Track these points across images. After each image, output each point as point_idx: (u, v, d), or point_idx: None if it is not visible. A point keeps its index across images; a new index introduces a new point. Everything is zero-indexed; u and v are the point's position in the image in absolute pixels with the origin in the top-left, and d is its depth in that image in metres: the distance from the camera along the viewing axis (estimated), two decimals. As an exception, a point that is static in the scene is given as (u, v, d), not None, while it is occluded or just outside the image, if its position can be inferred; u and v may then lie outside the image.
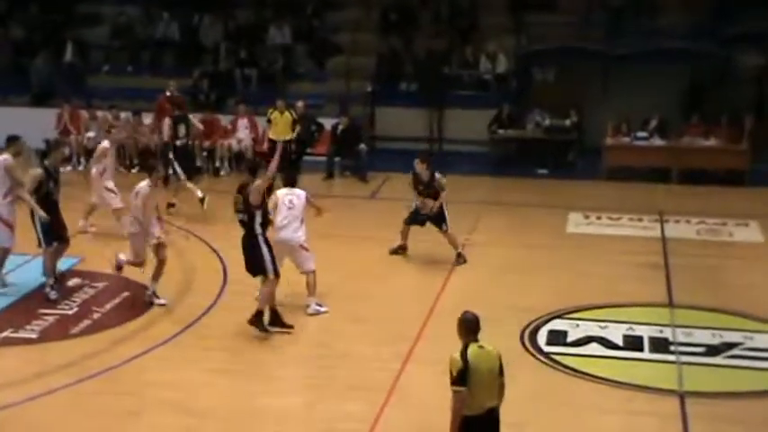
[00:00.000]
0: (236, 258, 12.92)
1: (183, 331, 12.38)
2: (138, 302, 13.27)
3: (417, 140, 21.90)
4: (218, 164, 20.97)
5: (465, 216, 17.21)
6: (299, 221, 12.97)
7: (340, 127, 20.70)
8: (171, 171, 19.19)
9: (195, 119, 20.42)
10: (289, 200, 13.01)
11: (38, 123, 21.32)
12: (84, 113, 21.37)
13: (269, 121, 20.09)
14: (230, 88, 22.94)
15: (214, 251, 15.44)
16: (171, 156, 17.94)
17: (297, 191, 13.17)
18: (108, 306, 13.25)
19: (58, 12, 24.59)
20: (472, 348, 7.96)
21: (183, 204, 17.80)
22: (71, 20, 24.54)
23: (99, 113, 21.33)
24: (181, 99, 20.37)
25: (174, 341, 12.10)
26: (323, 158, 20.68)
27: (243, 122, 21.09)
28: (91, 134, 21.01)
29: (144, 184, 13.19)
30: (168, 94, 20.15)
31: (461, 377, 7.85)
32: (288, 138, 19.45)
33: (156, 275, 13.22)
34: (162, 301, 13.15)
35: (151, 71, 23.48)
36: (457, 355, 7.94)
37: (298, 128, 19.83)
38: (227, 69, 23.32)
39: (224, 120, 21.35)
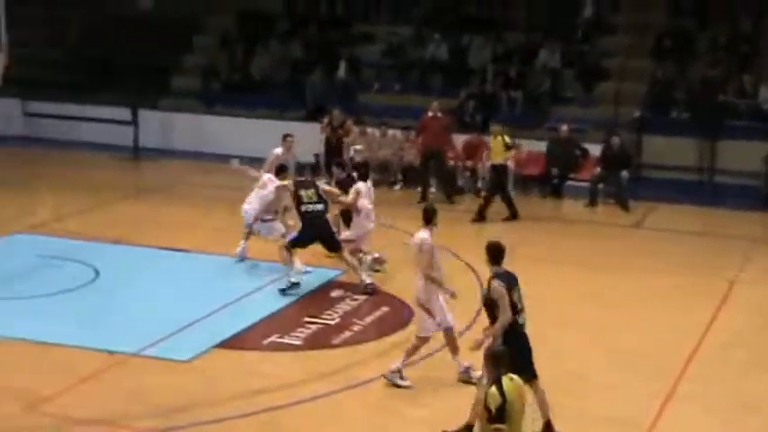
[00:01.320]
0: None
1: (442, 349, 12.45)
2: (398, 317, 13.48)
3: (686, 170, 21.22)
4: (479, 184, 21.07)
5: (732, 252, 16.53)
6: (417, 274, 11.42)
7: (614, 146, 20.19)
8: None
9: (457, 140, 20.78)
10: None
11: (310, 138, 22.19)
12: (354, 128, 21.97)
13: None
14: (495, 110, 23.03)
15: (470, 267, 15.46)
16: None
17: (420, 235, 11.49)
18: (368, 319, 13.54)
19: (335, 31, 25.48)
20: (505, 381, 7.66)
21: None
22: (347, 39, 25.37)
23: (368, 129, 21.90)
24: (444, 120, 20.53)
25: (432, 359, 12.18)
26: (586, 184, 20.37)
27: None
28: (358, 147, 21.55)
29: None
30: (430, 114, 20.42)
31: (501, 414, 7.50)
32: (498, 162, 19.05)
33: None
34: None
35: (419, 91, 23.91)
36: (494, 390, 7.57)
37: (511, 152, 19.35)
38: (493, 91, 23.43)
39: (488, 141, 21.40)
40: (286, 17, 26.33)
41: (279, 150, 16.60)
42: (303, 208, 14.42)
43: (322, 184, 15.02)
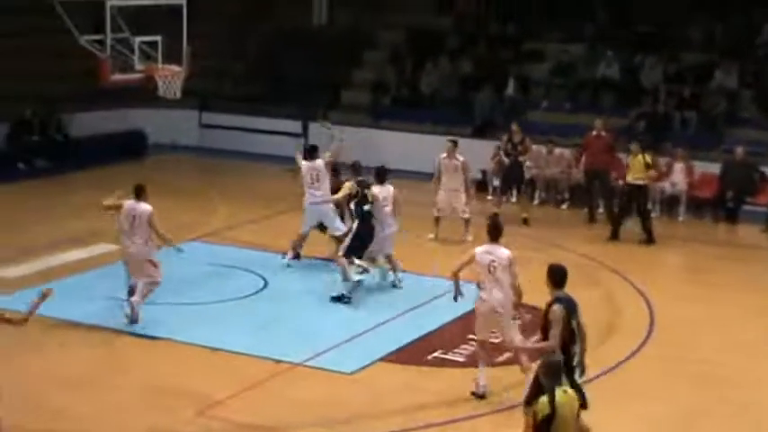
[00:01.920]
0: (664, 305, 12.60)
1: (604, 374, 12.23)
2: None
3: None
4: (649, 206, 20.58)
5: None
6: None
7: None
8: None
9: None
10: (489, 260, 11.52)
11: (477, 154, 22.17)
12: (531, 146, 21.77)
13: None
14: (667, 130, 22.51)
15: (641, 294, 15.19)
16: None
17: (499, 249, 11.58)
18: (533, 339, 13.35)
19: (505, 49, 25.41)
20: (558, 393, 7.58)
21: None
22: (517, 56, 25.26)
23: (534, 147, 21.71)
24: (608, 138, 20.13)
25: (594, 382, 11.98)
26: (763, 209, 19.68)
27: (679, 166, 20.55)
28: (528, 163, 21.43)
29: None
30: (594, 132, 20.09)
31: (547, 424, 7.51)
32: (636, 181, 18.38)
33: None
34: None
35: (590, 110, 23.59)
36: (545, 399, 7.57)
37: (651, 172, 18.69)
38: (666, 111, 22.91)
39: (660, 162, 20.93)
40: (455, 34, 26.43)
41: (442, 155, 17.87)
42: (366, 207, 14.68)
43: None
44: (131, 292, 13.45)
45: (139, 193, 13.50)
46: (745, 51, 23.55)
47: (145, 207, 13.31)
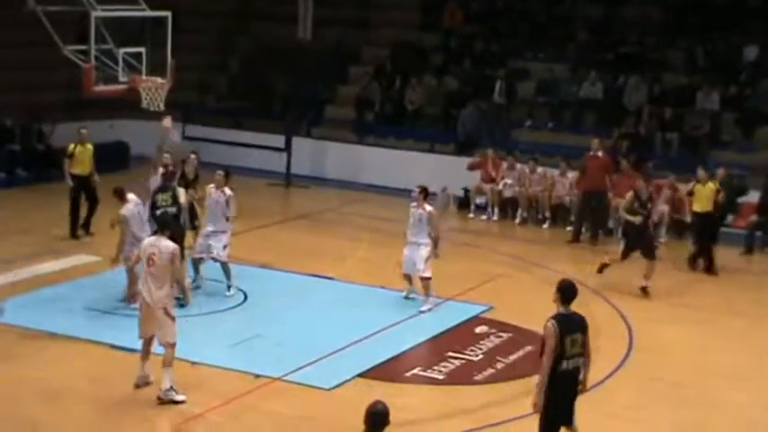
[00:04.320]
0: (644, 326, 12.61)
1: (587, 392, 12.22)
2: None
3: None
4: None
5: None
6: None
7: None
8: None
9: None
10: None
11: (460, 171, 22.22)
12: (503, 163, 21.87)
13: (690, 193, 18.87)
14: (649, 151, 22.59)
15: (621, 315, 15.22)
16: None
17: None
18: (512, 357, 13.41)
19: (490, 66, 25.49)
20: None
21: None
22: (502, 73, 25.31)
23: (518, 165, 21.78)
24: (603, 160, 20.16)
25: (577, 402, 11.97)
26: (742, 231, 19.76)
27: (667, 191, 20.36)
28: (508, 181, 21.47)
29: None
30: (591, 153, 20.13)
31: None
32: (706, 210, 17.95)
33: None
34: None
35: (572, 129, 23.68)
36: None
37: (720, 197, 18.47)
38: (648, 132, 23.00)
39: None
40: (441, 51, 26.49)
41: None
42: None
43: None
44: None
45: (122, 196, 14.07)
46: (727, 73, 23.68)
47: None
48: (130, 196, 14.45)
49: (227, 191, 15.16)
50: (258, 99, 26.35)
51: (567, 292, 9.63)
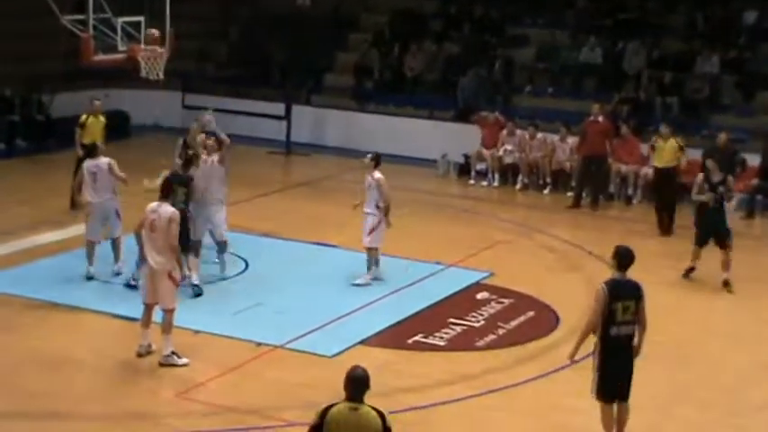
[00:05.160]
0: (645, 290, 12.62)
1: (588, 357, 12.25)
2: (543, 323, 13.36)
3: None
4: (630, 191, 20.64)
5: None
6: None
7: None
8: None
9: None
10: None
11: (460, 137, 22.18)
12: (503, 131, 21.81)
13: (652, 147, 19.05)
14: (650, 116, 22.54)
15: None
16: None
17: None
18: (513, 323, 13.45)
19: (490, 32, 25.37)
20: (339, 408, 7.28)
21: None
22: (501, 41, 25.22)
23: (518, 131, 21.73)
24: (603, 125, 20.10)
25: (577, 366, 12.00)
26: (744, 195, 19.72)
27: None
28: (508, 147, 21.43)
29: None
30: (591, 118, 20.08)
31: None
32: (668, 166, 18.24)
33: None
34: None
35: (572, 95, 23.61)
36: (319, 408, 7.40)
37: (684, 157, 18.53)
38: (648, 97, 22.94)
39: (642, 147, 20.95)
40: (440, 17, 26.37)
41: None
42: None
43: None
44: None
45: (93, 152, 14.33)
46: (726, 38, 23.57)
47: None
48: None
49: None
50: (258, 67, 26.24)
51: (624, 257, 9.66)
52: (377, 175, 14.57)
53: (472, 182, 21.56)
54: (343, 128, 24.57)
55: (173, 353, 11.54)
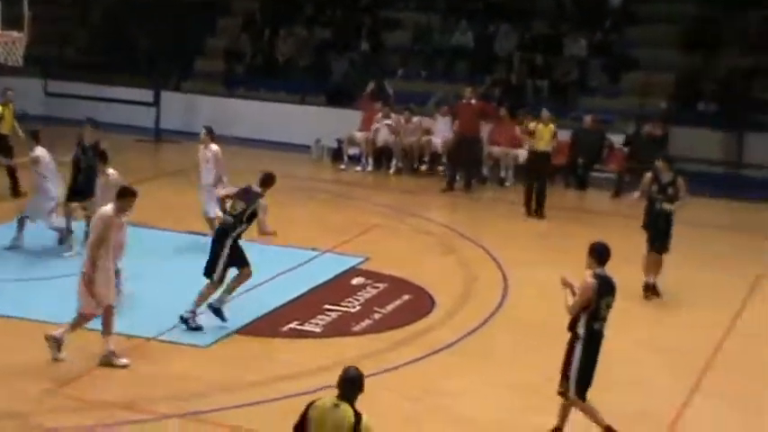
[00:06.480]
0: (516, 269, 12.73)
1: (463, 339, 12.31)
2: (419, 306, 13.35)
3: (712, 164, 20.94)
4: (502, 174, 20.86)
5: (759, 245, 16.32)
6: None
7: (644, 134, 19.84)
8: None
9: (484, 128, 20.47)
10: None
11: (332, 121, 22.07)
12: (378, 112, 21.77)
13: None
14: (521, 98, 22.80)
15: (494, 260, 15.34)
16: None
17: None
18: (389, 307, 13.41)
19: (361, 15, 25.28)
20: (323, 402, 7.49)
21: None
22: (373, 24, 25.15)
23: (393, 116, 21.71)
24: (476, 107, 20.20)
25: (455, 347, 12.05)
26: (612, 175, 20.17)
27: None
28: (381, 126, 21.38)
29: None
30: (465, 101, 20.19)
31: (299, 427, 7.47)
32: (544, 149, 18.44)
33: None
34: None
35: (445, 78, 23.71)
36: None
37: (555, 141, 18.82)
38: (520, 79, 23.19)
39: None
40: (312, 1, 26.15)
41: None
42: None
43: None
44: None
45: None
46: (593, 21, 23.99)
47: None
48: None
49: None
50: (122, 53, 25.58)
51: (602, 254, 9.67)
52: (214, 147, 15.29)
53: (343, 167, 21.46)
54: (213, 114, 24.11)
55: (112, 353, 11.23)
